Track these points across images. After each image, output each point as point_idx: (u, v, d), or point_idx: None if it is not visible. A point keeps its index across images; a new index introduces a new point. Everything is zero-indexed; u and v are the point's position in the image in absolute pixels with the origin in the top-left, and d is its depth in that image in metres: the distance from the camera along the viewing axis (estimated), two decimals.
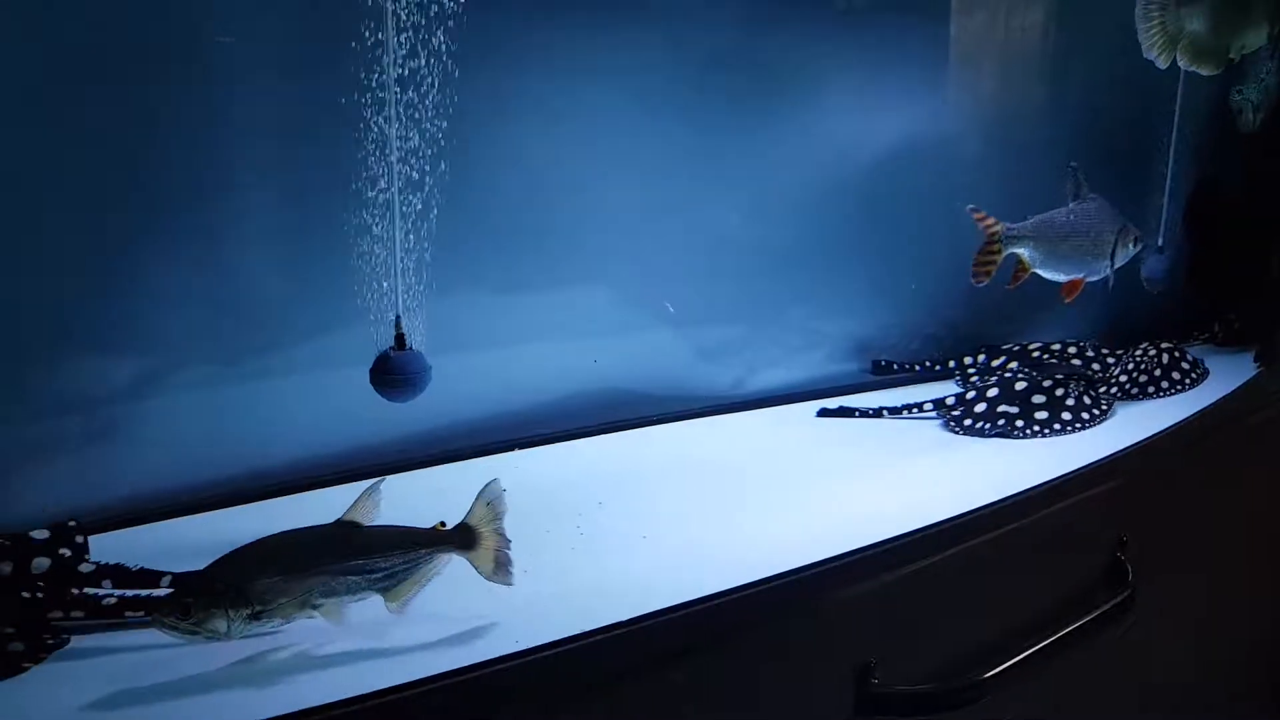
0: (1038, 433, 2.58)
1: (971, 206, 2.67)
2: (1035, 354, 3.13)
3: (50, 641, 1.53)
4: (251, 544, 1.50)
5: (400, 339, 1.95)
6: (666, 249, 2.65)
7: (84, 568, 1.69)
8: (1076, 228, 2.74)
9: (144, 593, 1.65)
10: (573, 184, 2.46)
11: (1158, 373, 3.00)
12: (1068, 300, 2.80)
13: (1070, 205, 2.76)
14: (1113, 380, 2.99)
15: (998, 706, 2.01)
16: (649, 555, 1.90)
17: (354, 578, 1.51)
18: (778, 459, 2.46)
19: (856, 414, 2.76)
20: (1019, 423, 2.59)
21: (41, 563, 1.67)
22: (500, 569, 1.63)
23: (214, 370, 2.09)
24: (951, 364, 3.16)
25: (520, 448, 2.45)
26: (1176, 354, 3.08)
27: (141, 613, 1.59)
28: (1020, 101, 3.29)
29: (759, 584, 1.75)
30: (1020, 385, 2.70)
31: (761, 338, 2.90)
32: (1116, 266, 2.83)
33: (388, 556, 1.54)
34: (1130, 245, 2.84)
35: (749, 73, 2.69)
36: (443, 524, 1.65)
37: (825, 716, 1.89)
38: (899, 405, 2.76)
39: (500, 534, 1.63)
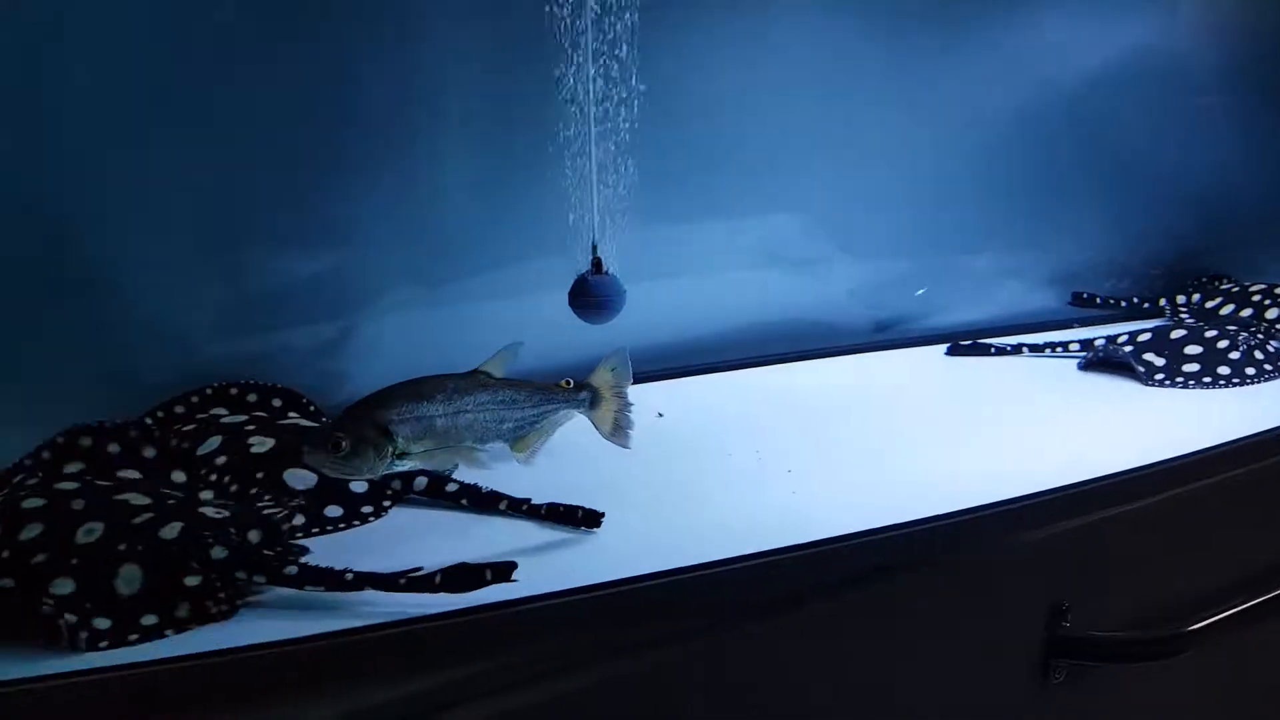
0: (1181, 384, 2.39)
1: None
2: (1256, 296, 2.89)
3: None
4: (396, 386, 1.54)
5: (597, 263, 2.01)
6: (861, 178, 2.58)
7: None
8: None
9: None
10: (769, 111, 2.42)
11: None
12: None
13: None
14: None
15: (1191, 662, 1.91)
16: (821, 483, 1.89)
17: (488, 425, 1.58)
18: (966, 393, 2.40)
19: (992, 350, 2.65)
20: (1159, 375, 2.42)
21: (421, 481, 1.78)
22: (619, 430, 1.71)
23: (421, 291, 2.22)
24: (1162, 302, 2.97)
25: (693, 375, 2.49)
26: None
27: None
28: (1274, 12, 2.97)
29: (952, 515, 1.73)
30: (1177, 333, 2.52)
31: (954, 269, 2.81)
32: None
33: (518, 408, 1.61)
34: None
35: None
36: (568, 381, 1.71)
37: (1012, 654, 1.86)
38: (1041, 344, 2.64)
39: (621, 397, 1.70)
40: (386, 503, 1.77)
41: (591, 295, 2.01)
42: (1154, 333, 2.55)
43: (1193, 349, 2.46)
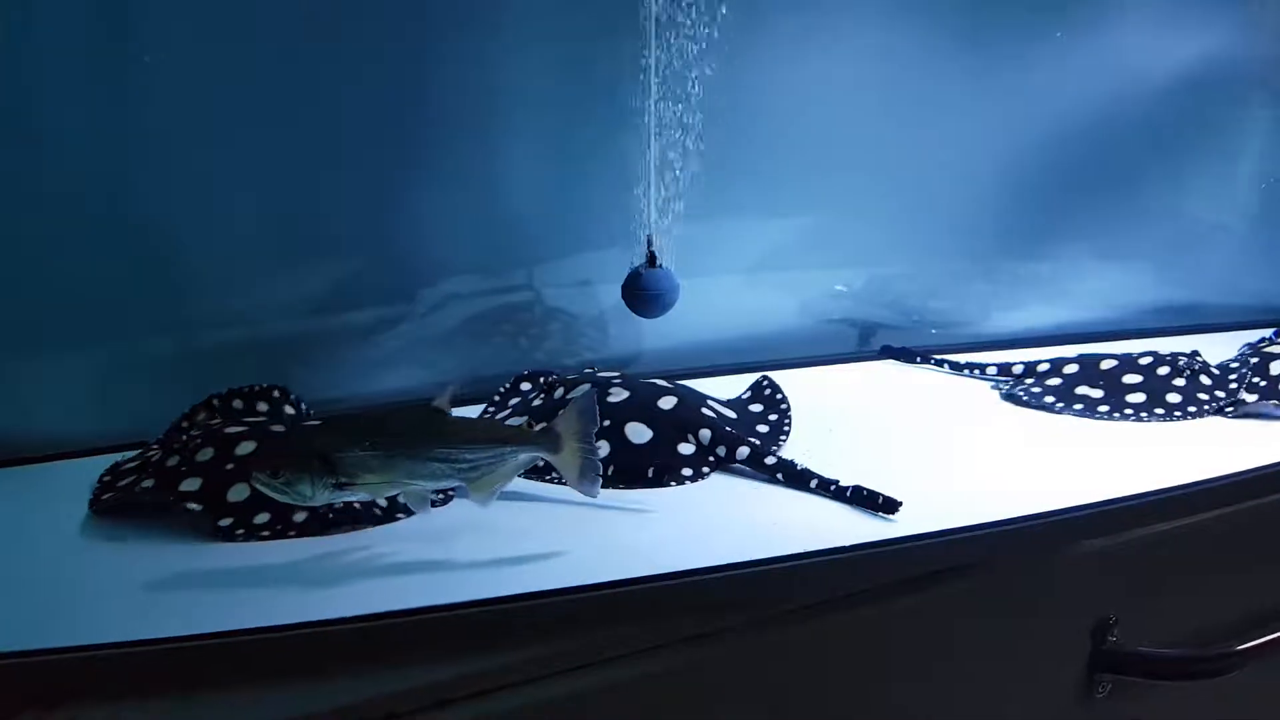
0: (1130, 415, 2.21)
1: None
2: None
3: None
4: (345, 416, 1.56)
5: (651, 257, 2.04)
6: (927, 179, 2.55)
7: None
8: None
9: None
10: (834, 109, 2.42)
11: None
12: None
13: None
14: None
15: (1241, 682, 1.88)
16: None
17: (438, 464, 1.49)
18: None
19: (918, 359, 2.57)
20: (1102, 408, 2.24)
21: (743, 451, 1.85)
22: (585, 477, 1.58)
23: (481, 280, 2.29)
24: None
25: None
26: None
27: None
28: None
29: (998, 524, 1.71)
30: (1108, 364, 2.36)
31: (1021, 274, 2.76)
32: None
33: (472, 449, 1.51)
34: None
35: None
36: (530, 423, 1.67)
37: (1057, 666, 1.83)
38: (962, 364, 2.52)
39: (587, 442, 1.57)
40: (706, 469, 1.88)
41: (644, 288, 2.04)
42: (1081, 365, 2.39)
43: (1132, 379, 2.29)
